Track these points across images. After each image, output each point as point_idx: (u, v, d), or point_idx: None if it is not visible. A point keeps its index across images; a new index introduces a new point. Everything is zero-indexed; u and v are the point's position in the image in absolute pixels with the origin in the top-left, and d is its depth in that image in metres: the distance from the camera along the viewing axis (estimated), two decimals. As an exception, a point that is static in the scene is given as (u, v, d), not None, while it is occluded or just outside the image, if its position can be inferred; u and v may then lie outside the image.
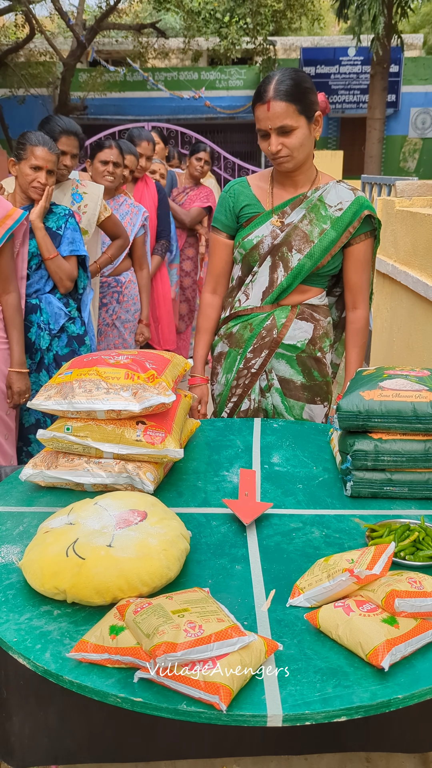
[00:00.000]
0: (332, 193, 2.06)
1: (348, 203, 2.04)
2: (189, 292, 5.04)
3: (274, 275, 2.08)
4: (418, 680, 1.00)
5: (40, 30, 13.30)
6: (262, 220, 2.08)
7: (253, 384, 2.16)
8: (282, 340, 2.11)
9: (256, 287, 2.11)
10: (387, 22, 12.07)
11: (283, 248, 2.05)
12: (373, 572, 1.10)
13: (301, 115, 1.91)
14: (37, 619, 1.14)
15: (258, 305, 2.12)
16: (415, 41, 19.37)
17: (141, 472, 1.54)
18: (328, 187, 2.08)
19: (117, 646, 1.01)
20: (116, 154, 3.35)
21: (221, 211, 2.16)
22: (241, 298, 2.15)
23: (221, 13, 13.47)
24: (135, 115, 16.47)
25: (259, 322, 2.11)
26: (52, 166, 2.61)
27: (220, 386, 2.24)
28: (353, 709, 0.96)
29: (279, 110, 1.88)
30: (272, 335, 2.11)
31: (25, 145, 2.57)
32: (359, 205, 2.05)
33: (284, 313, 2.11)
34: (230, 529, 1.43)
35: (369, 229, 2.09)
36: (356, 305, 2.18)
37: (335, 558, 1.19)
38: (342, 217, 2.04)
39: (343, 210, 2.04)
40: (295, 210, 2.06)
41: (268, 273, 2.09)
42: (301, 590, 1.18)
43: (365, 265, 2.13)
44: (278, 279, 2.08)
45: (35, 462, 1.61)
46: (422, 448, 1.52)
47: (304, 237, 2.04)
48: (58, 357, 2.69)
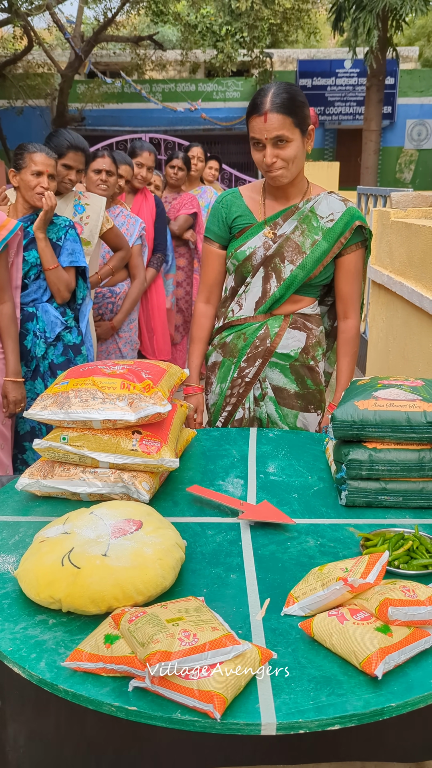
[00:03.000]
0: (323, 204, 2.09)
1: (339, 214, 2.07)
2: (182, 302, 5.05)
3: (267, 286, 2.10)
4: (411, 689, 1.01)
5: (38, 42, 13.41)
6: (254, 232, 2.10)
7: (247, 393, 2.18)
8: (275, 349, 2.13)
9: (249, 297, 2.13)
10: (382, 35, 12.19)
11: (276, 259, 2.08)
12: (366, 581, 1.10)
13: (296, 128, 1.93)
14: (33, 628, 1.14)
15: (251, 315, 2.14)
16: (411, 54, 19.55)
17: (137, 482, 1.54)
18: (320, 198, 2.10)
19: (112, 655, 1.02)
20: (108, 162, 3.37)
21: (214, 221, 2.17)
22: (234, 308, 2.18)
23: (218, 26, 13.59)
24: (132, 126, 16.57)
25: (253, 332, 2.14)
26: (52, 170, 2.65)
27: (215, 396, 2.25)
28: (347, 718, 0.96)
29: (276, 122, 1.89)
30: (266, 344, 2.13)
31: (23, 154, 2.62)
32: (350, 216, 2.07)
33: (277, 323, 2.13)
34: (225, 539, 1.44)
35: (360, 240, 2.12)
36: (347, 315, 2.20)
37: (329, 567, 1.20)
38: (333, 228, 2.06)
39: (334, 221, 2.07)
40: (287, 221, 2.08)
41: (261, 283, 2.11)
42: (295, 599, 1.19)
43: (356, 275, 2.14)
44: (271, 289, 2.10)
45: (31, 471, 1.62)
46: (416, 458, 1.53)
47: (296, 248, 2.06)
48: (53, 365, 2.71)
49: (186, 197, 4.77)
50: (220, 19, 13.54)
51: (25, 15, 11.97)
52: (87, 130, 16.75)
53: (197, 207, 4.79)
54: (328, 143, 18.29)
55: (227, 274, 2.23)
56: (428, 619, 1.06)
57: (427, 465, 1.52)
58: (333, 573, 1.16)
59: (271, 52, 16.84)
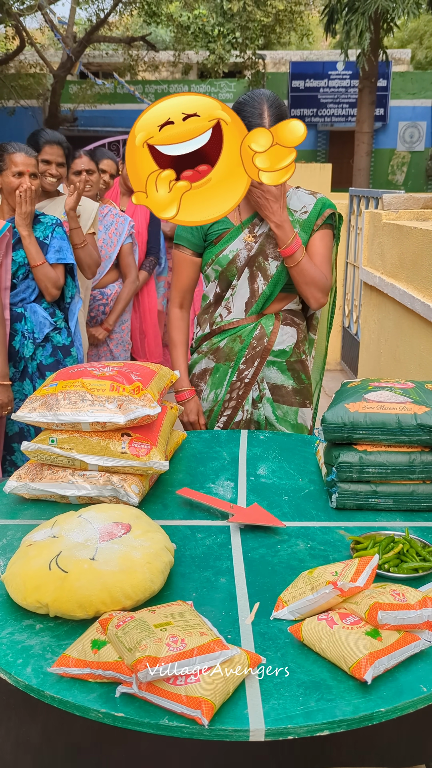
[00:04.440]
0: (294, 199, 2.11)
1: (311, 205, 2.10)
2: None
3: (254, 285, 2.11)
4: (401, 693, 1.00)
5: (31, 42, 13.37)
6: (233, 236, 2.10)
7: (247, 395, 2.17)
8: (272, 347, 2.14)
9: (237, 300, 2.13)
10: (374, 38, 12.22)
11: (259, 258, 2.09)
12: (356, 585, 1.10)
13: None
14: (19, 633, 1.13)
15: (243, 317, 2.15)
16: (403, 56, 19.63)
17: (126, 485, 1.53)
18: (289, 194, 2.12)
19: (99, 660, 1.01)
20: (86, 161, 3.34)
21: (186, 228, 2.13)
22: (222, 313, 2.17)
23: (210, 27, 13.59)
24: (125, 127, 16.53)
25: (248, 333, 2.14)
26: (33, 169, 2.63)
27: (208, 403, 2.23)
28: (336, 723, 0.95)
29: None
30: (263, 343, 2.13)
31: (3, 156, 2.61)
32: (322, 205, 2.11)
33: (270, 321, 2.14)
34: (215, 542, 1.43)
35: (329, 224, 2.14)
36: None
37: (319, 570, 1.19)
38: (309, 219, 2.10)
39: (308, 212, 2.10)
40: (264, 220, 2.08)
41: (247, 284, 2.11)
42: (285, 603, 1.18)
43: (323, 251, 2.11)
44: (259, 288, 2.11)
45: (19, 474, 1.60)
46: (407, 460, 1.52)
47: (277, 244, 2.06)
48: (41, 366, 2.69)
49: None
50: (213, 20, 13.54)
51: (17, 15, 11.94)
52: (79, 130, 16.73)
53: None
54: (320, 145, 18.33)
55: (208, 281, 2.20)
56: (418, 623, 1.05)
57: (418, 467, 1.52)
58: (322, 577, 1.16)
59: (264, 54, 16.86)
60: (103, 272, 3.51)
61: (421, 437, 1.50)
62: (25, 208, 2.58)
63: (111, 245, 3.52)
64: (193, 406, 2.20)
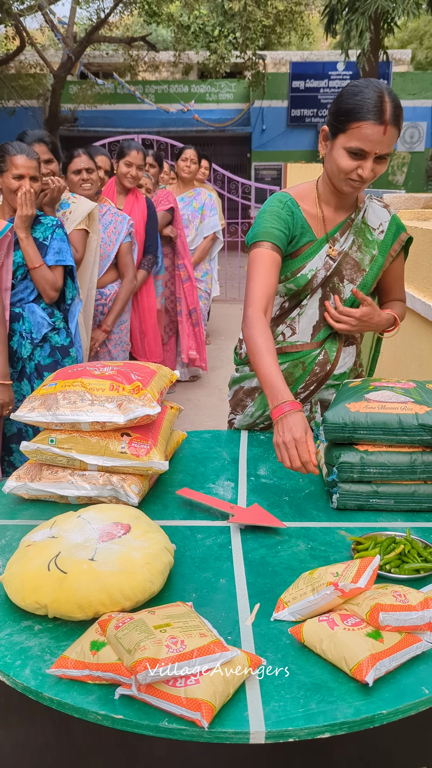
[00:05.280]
0: (371, 213, 1.93)
1: (386, 223, 1.94)
2: (168, 302, 5.04)
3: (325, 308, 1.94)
4: (402, 695, 0.99)
5: (31, 42, 13.36)
6: (315, 250, 1.88)
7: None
8: (333, 371, 2.00)
9: (303, 321, 1.95)
10: (374, 38, 12.21)
11: (335, 279, 1.91)
12: (357, 586, 1.09)
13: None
14: (18, 634, 1.12)
15: (308, 341, 1.97)
16: (404, 56, 19.61)
17: (126, 485, 1.52)
18: (367, 206, 1.93)
19: (98, 662, 1.00)
20: (86, 160, 3.34)
21: (276, 223, 1.81)
22: (285, 332, 1.98)
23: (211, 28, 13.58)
24: (125, 127, 16.54)
25: (312, 360, 1.97)
26: (33, 172, 2.62)
27: (249, 418, 2.09)
28: (337, 725, 0.94)
29: (391, 137, 1.65)
30: (326, 369, 1.98)
31: (4, 157, 2.59)
32: (396, 227, 1.95)
33: (334, 345, 1.98)
34: (215, 542, 1.42)
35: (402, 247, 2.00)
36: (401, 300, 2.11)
37: (320, 571, 1.18)
38: (385, 241, 1.94)
39: (384, 232, 1.93)
40: (344, 235, 1.90)
41: (317, 306, 1.93)
42: (285, 604, 1.17)
43: (402, 276, 2.05)
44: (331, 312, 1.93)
45: (19, 474, 1.59)
46: (408, 460, 1.52)
47: (355, 265, 1.91)
48: (39, 366, 2.68)
49: (161, 194, 4.75)
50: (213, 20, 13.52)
51: (17, 15, 11.93)
52: (80, 130, 16.71)
53: (173, 202, 4.77)
54: (320, 145, 18.29)
55: (278, 295, 1.97)
56: (420, 625, 1.05)
57: (419, 468, 1.51)
58: (323, 578, 1.15)
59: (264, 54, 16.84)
60: (101, 272, 3.49)
61: (423, 437, 1.49)
62: (26, 210, 2.57)
63: (110, 244, 3.50)
64: (297, 420, 1.50)
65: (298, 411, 1.52)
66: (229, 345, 6.92)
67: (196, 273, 5.50)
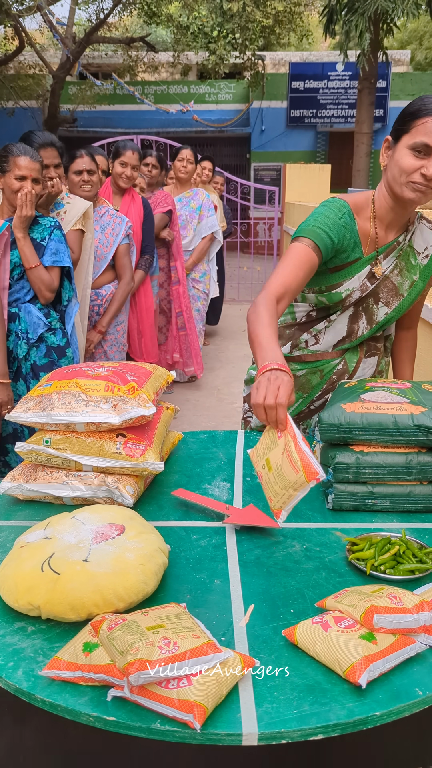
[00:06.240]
0: (418, 236, 1.87)
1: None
2: (164, 303, 5.03)
3: (354, 326, 1.90)
4: (396, 697, 0.99)
5: (30, 43, 13.36)
6: (358, 268, 1.82)
7: (308, 418, 2.06)
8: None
9: (329, 334, 1.93)
10: (373, 39, 12.22)
11: (370, 300, 1.87)
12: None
13: None
14: (11, 636, 1.12)
15: (329, 351, 1.95)
16: (403, 57, 19.61)
17: (121, 486, 1.52)
18: (415, 228, 1.87)
19: (90, 663, 0.99)
20: (88, 161, 3.33)
21: (327, 227, 1.73)
22: (308, 340, 1.96)
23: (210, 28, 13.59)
24: (124, 128, 16.55)
25: (331, 369, 1.96)
26: (36, 174, 2.62)
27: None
28: (330, 727, 0.94)
29: None
30: (343, 378, 1.97)
31: (7, 157, 2.59)
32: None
33: (355, 356, 1.96)
34: (210, 543, 1.42)
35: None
36: (412, 325, 2.07)
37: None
38: (428, 266, 1.88)
39: (428, 257, 1.87)
40: (387, 258, 1.85)
41: (347, 323, 1.90)
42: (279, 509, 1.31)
43: (425, 294, 1.98)
44: (359, 330, 1.91)
45: (13, 475, 1.59)
46: (403, 461, 1.51)
47: (393, 289, 1.87)
48: (35, 367, 2.68)
49: (160, 195, 4.74)
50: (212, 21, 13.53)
51: (17, 16, 11.93)
52: (79, 131, 16.72)
53: (171, 204, 4.76)
54: (319, 146, 18.31)
55: (303, 301, 1.94)
56: (414, 628, 1.04)
57: (414, 468, 1.51)
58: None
59: (263, 55, 16.85)
60: (98, 272, 3.49)
61: (418, 438, 1.49)
62: (25, 211, 2.57)
63: (107, 245, 3.50)
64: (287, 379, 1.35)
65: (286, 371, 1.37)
66: (228, 345, 6.91)
67: (195, 274, 5.49)
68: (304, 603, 1.20)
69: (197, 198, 5.30)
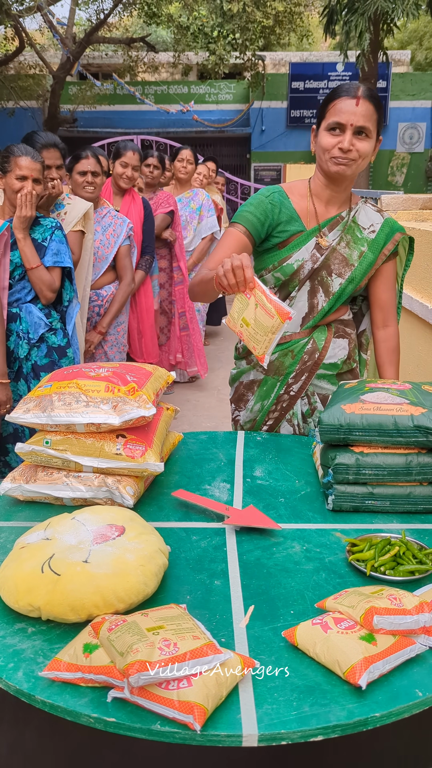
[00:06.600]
0: (362, 215, 2.02)
1: (379, 225, 2.02)
2: (165, 304, 5.03)
3: (314, 300, 2.02)
4: (396, 698, 0.99)
5: (30, 43, 13.35)
6: (303, 241, 1.97)
7: (291, 407, 2.12)
8: (323, 360, 2.07)
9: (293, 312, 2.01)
10: (373, 39, 12.21)
11: (323, 272, 1.99)
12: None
13: (375, 129, 1.86)
14: (11, 637, 1.12)
15: (297, 331, 2.06)
16: (403, 57, 19.61)
17: (121, 486, 1.52)
18: (359, 208, 2.03)
19: (91, 664, 1.00)
20: (93, 163, 3.34)
21: (257, 212, 1.94)
22: None
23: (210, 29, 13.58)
24: (125, 128, 16.54)
25: (301, 348, 2.06)
26: (37, 174, 2.62)
27: (252, 413, 2.16)
28: (330, 728, 0.94)
29: (366, 111, 1.81)
30: (314, 358, 2.06)
31: (9, 158, 2.60)
32: (390, 228, 2.03)
33: (323, 335, 2.07)
34: (210, 544, 1.42)
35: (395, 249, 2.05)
36: (387, 323, 2.12)
37: None
38: (377, 239, 2.01)
39: (375, 232, 2.01)
40: (333, 231, 1.99)
41: (307, 298, 2.02)
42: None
43: (393, 282, 2.09)
44: (319, 304, 2.02)
45: (14, 476, 1.59)
46: (403, 462, 1.51)
47: (343, 261, 1.99)
48: (36, 367, 2.68)
49: (162, 195, 4.73)
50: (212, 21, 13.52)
51: (17, 16, 11.93)
52: (79, 131, 16.71)
53: (173, 205, 4.76)
54: (320, 146, 18.29)
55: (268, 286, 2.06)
56: (414, 629, 1.04)
57: (414, 469, 1.51)
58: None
59: (264, 55, 16.83)
60: (99, 273, 3.49)
61: (418, 439, 1.49)
62: (25, 212, 2.58)
63: (108, 246, 3.50)
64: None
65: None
66: (227, 346, 6.92)
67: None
68: (304, 604, 1.20)
69: (197, 198, 5.30)
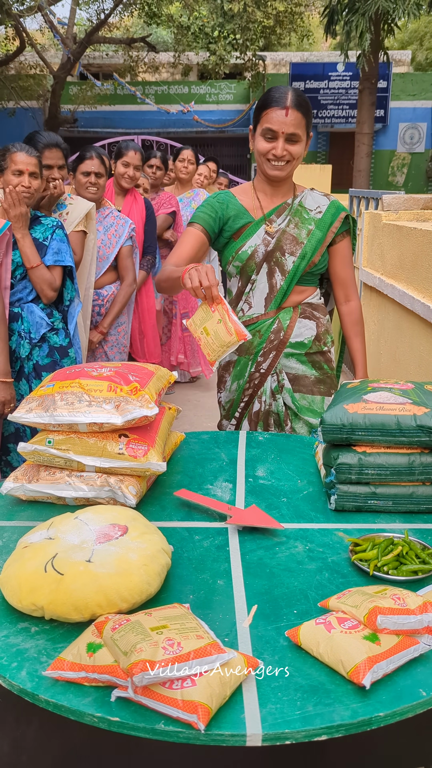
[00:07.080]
0: (309, 199, 2.21)
1: (325, 206, 2.21)
2: (166, 304, 5.03)
3: (272, 281, 2.19)
4: (400, 697, 0.99)
5: (31, 43, 13.37)
6: (253, 230, 2.17)
7: (263, 384, 2.24)
8: (289, 339, 2.20)
9: (257, 295, 2.21)
10: (374, 39, 12.22)
11: (277, 253, 2.16)
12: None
13: (305, 131, 2.07)
14: (14, 636, 1.12)
15: (263, 312, 2.22)
16: (404, 57, 19.63)
17: (123, 486, 1.52)
18: (305, 194, 2.23)
19: (94, 664, 0.99)
20: (97, 164, 3.33)
21: (208, 210, 2.17)
22: (243, 308, 2.23)
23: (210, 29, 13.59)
24: (125, 128, 16.56)
25: (267, 328, 2.21)
26: (33, 168, 2.62)
27: (230, 393, 2.31)
28: (334, 728, 0.94)
29: (295, 119, 2.01)
30: (279, 337, 2.20)
31: (5, 155, 2.61)
32: (336, 208, 2.22)
33: (288, 315, 2.21)
34: (213, 544, 1.42)
35: (346, 228, 2.26)
36: (348, 298, 2.32)
37: None
38: (323, 219, 2.19)
39: (322, 212, 2.20)
40: (281, 217, 2.18)
41: (266, 279, 2.19)
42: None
43: (349, 259, 2.29)
44: (278, 283, 2.18)
45: (16, 475, 1.59)
46: (406, 461, 1.51)
47: (293, 240, 2.16)
48: (38, 366, 2.68)
49: (164, 196, 4.73)
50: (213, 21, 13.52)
51: (17, 16, 11.93)
52: (79, 131, 16.73)
53: (176, 206, 4.76)
54: (320, 146, 18.32)
55: (230, 277, 2.27)
56: (418, 629, 1.04)
57: (417, 469, 1.51)
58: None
59: (264, 55, 16.84)
60: (100, 273, 3.49)
61: (421, 438, 1.49)
62: (16, 210, 2.57)
63: (110, 246, 3.50)
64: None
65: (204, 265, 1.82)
66: (228, 346, 6.91)
67: None
68: (307, 604, 1.20)
69: (198, 198, 5.30)
